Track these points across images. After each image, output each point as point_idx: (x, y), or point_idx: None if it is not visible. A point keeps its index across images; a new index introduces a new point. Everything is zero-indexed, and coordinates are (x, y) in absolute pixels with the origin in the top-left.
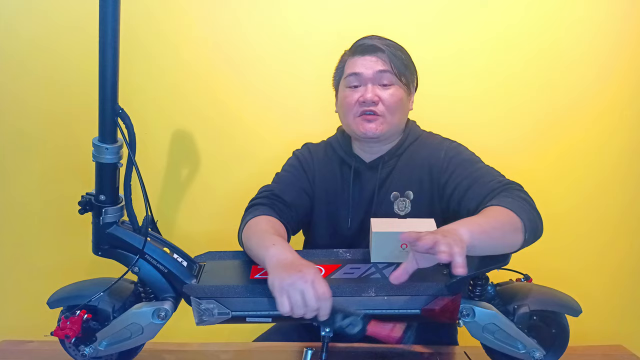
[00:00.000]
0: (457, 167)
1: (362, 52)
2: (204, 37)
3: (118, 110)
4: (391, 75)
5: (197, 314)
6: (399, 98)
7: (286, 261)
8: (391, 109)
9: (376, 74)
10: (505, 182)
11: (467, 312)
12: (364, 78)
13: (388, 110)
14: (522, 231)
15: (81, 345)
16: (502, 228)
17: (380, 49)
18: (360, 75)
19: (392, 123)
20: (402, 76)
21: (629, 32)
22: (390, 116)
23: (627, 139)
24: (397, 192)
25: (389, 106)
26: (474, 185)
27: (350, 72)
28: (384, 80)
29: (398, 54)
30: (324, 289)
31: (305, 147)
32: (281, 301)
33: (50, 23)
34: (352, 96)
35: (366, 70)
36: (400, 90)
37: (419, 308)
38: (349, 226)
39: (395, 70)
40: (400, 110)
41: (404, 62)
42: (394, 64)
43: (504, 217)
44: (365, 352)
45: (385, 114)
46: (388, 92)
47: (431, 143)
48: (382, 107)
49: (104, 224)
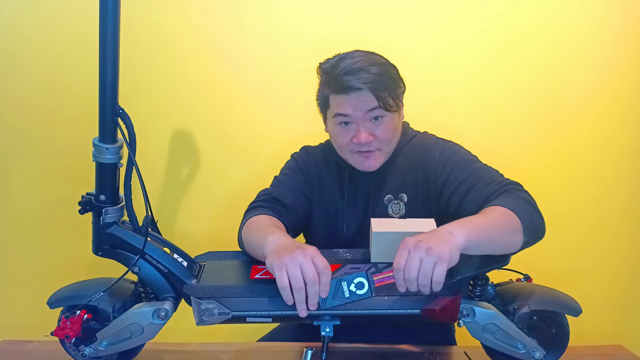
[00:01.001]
0: (454, 169)
1: (345, 91)
2: (204, 37)
3: (118, 110)
4: (381, 110)
5: (197, 314)
6: (392, 127)
7: (285, 244)
8: (386, 140)
9: (366, 114)
10: (506, 183)
11: (467, 312)
12: (354, 118)
13: (383, 143)
14: (521, 232)
15: (81, 345)
16: (500, 229)
17: (363, 88)
18: (349, 116)
19: (389, 151)
20: (392, 106)
21: (629, 32)
22: (385, 147)
23: (628, 139)
24: (390, 195)
25: (383, 139)
26: (473, 188)
27: (337, 112)
28: (374, 115)
29: (383, 83)
30: (324, 263)
31: (303, 150)
32: (280, 275)
33: (51, 23)
34: (345, 135)
35: (355, 112)
36: (392, 117)
37: (419, 308)
38: (345, 230)
39: (383, 106)
40: (394, 136)
41: (391, 88)
42: (381, 100)
43: (503, 218)
44: (366, 352)
45: (381, 146)
46: (381, 128)
47: (425, 144)
48: (377, 143)
49: (104, 224)
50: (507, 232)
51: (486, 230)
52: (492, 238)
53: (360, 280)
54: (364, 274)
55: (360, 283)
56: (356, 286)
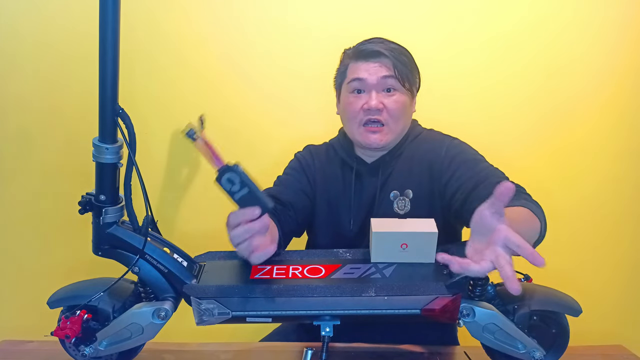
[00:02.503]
0: (459, 167)
1: (365, 57)
2: (205, 36)
3: (118, 110)
4: (395, 81)
5: (197, 314)
6: (402, 104)
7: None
8: (395, 116)
9: (380, 80)
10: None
11: (467, 312)
12: (368, 84)
13: (392, 118)
14: (538, 234)
15: (81, 345)
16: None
17: (384, 54)
18: (363, 81)
19: (396, 131)
20: (405, 81)
21: (628, 32)
22: (394, 124)
23: (627, 138)
24: (396, 191)
25: (392, 113)
26: (479, 187)
27: (353, 77)
28: (387, 86)
29: (402, 58)
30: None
31: (306, 149)
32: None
33: (51, 23)
34: (356, 103)
35: (370, 77)
36: (404, 96)
37: (419, 308)
38: (350, 227)
39: (398, 76)
40: (404, 117)
41: (408, 67)
42: (397, 69)
43: (529, 220)
44: (366, 352)
45: (389, 121)
46: (392, 99)
47: (431, 140)
48: (386, 115)
49: (104, 224)
50: (530, 237)
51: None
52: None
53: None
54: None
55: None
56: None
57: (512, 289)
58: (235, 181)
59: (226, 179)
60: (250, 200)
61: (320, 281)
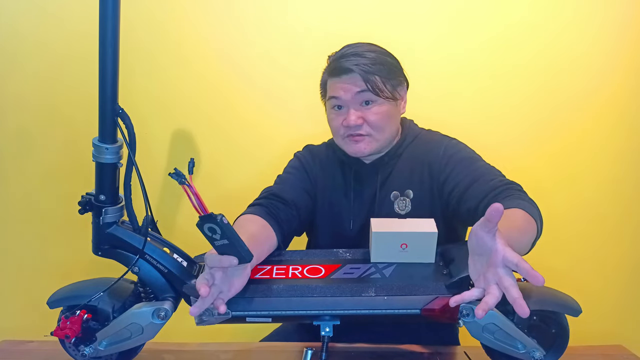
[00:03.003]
0: (456, 165)
1: (338, 74)
2: (205, 37)
3: (118, 110)
4: (370, 94)
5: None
6: (384, 114)
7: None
8: (377, 126)
9: (355, 96)
10: (506, 182)
11: (467, 312)
12: (344, 101)
13: (374, 129)
14: (535, 236)
15: (81, 345)
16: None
17: (353, 70)
18: (340, 99)
19: (381, 139)
20: (382, 91)
21: (628, 32)
22: (378, 134)
23: (627, 138)
24: (397, 191)
25: (374, 125)
26: (474, 184)
27: (330, 95)
28: (364, 99)
29: (374, 68)
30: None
31: (306, 149)
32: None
33: (51, 23)
34: (337, 119)
35: (345, 94)
36: (384, 105)
37: (419, 308)
38: (351, 227)
39: (372, 89)
40: (387, 125)
41: (384, 74)
42: (369, 83)
43: (526, 223)
44: (366, 352)
45: (372, 132)
46: (371, 112)
47: (430, 141)
48: (367, 128)
49: (104, 224)
50: (529, 237)
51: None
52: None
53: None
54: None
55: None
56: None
57: (521, 313)
58: (217, 231)
59: (207, 227)
60: (229, 250)
61: (320, 281)
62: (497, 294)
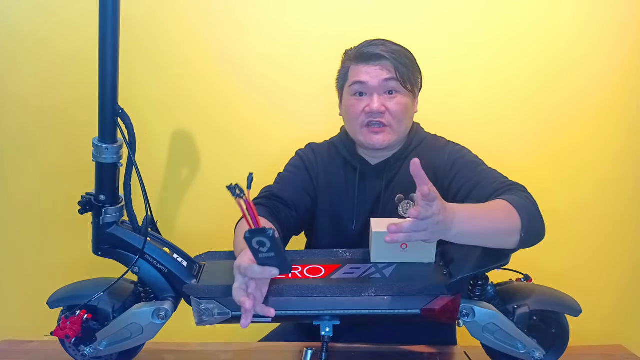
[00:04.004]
0: (460, 170)
1: (367, 59)
2: (205, 36)
3: (118, 110)
4: (396, 83)
5: (197, 314)
6: (405, 106)
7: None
8: (398, 118)
9: (382, 83)
10: (509, 183)
11: (467, 312)
12: (370, 87)
13: (395, 120)
14: (519, 229)
15: (81, 345)
16: (497, 219)
17: (385, 56)
18: (365, 84)
19: (399, 131)
20: (407, 83)
21: (628, 32)
22: (397, 125)
23: (627, 138)
24: (401, 194)
25: (395, 115)
26: (477, 187)
27: (355, 80)
28: (389, 88)
29: (403, 60)
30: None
31: (308, 147)
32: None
33: (51, 23)
34: (358, 105)
35: (371, 79)
36: (406, 97)
37: (419, 308)
38: (353, 228)
39: (400, 78)
40: (406, 118)
41: (410, 68)
42: (399, 72)
43: (503, 211)
44: (366, 352)
45: (392, 123)
46: (394, 101)
47: (435, 146)
48: (388, 117)
49: (104, 224)
50: (504, 226)
51: (484, 216)
52: (488, 226)
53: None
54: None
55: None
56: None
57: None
58: (266, 244)
59: (256, 241)
60: (272, 262)
61: (320, 281)
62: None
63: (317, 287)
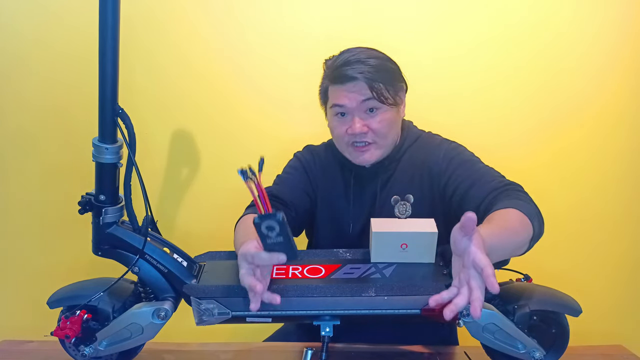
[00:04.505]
0: (457, 168)
1: (342, 81)
2: (205, 37)
3: (118, 110)
4: (375, 101)
5: (197, 314)
6: (388, 121)
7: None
8: (381, 134)
9: (360, 104)
10: (506, 183)
11: (467, 312)
12: (349, 109)
13: (379, 136)
14: (531, 237)
15: (81, 345)
16: (516, 236)
17: (357, 78)
18: (344, 107)
19: (386, 145)
20: (387, 98)
21: (628, 32)
22: (382, 140)
23: (627, 138)
24: (397, 196)
25: (378, 132)
26: (474, 186)
27: (334, 103)
28: (369, 107)
29: (379, 75)
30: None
31: (306, 149)
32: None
33: (51, 23)
34: (341, 127)
35: (349, 102)
36: (388, 112)
37: (419, 308)
38: (350, 231)
39: (377, 96)
40: (391, 131)
41: (388, 82)
42: (375, 91)
43: (520, 225)
44: (366, 352)
45: (377, 139)
46: (376, 120)
47: (430, 144)
48: (372, 135)
49: (104, 224)
50: (521, 239)
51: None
52: (509, 244)
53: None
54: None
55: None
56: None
57: (473, 314)
58: (274, 229)
59: (266, 226)
60: (280, 247)
61: (320, 281)
62: (466, 296)
63: (317, 287)
